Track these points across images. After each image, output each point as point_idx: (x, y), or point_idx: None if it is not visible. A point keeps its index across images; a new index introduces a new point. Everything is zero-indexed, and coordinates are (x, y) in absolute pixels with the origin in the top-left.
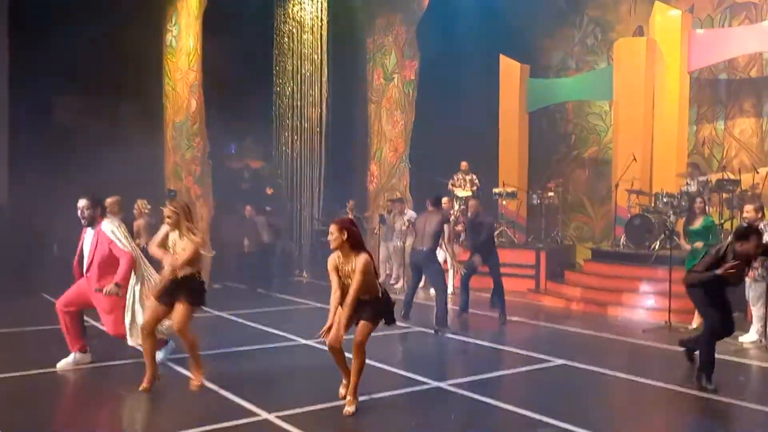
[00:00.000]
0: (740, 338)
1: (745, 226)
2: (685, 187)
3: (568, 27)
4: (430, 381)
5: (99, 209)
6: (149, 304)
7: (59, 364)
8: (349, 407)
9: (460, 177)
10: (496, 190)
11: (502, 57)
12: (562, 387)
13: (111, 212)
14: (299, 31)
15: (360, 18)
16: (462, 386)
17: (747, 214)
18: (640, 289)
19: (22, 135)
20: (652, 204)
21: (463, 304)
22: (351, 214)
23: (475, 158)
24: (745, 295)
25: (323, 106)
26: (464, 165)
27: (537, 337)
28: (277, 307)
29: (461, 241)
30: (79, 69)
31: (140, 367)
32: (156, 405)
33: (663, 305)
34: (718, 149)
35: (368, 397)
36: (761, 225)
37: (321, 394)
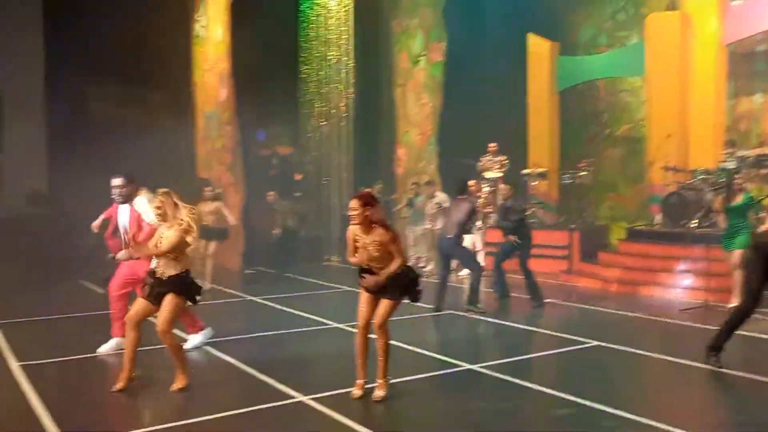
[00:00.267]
0: None
1: None
2: (723, 164)
3: (598, 3)
4: (462, 363)
5: (133, 186)
6: (138, 299)
7: (100, 349)
8: (379, 391)
9: (489, 159)
10: (525, 171)
11: (530, 35)
12: (597, 368)
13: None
14: (325, 16)
15: (385, 1)
16: (495, 368)
17: None
18: (677, 269)
19: (59, 126)
20: (689, 181)
21: (502, 288)
22: None
23: (503, 139)
24: None
25: (350, 90)
26: (493, 146)
27: (571, 319)
28: (307, 291)
29: (492, 224)
30: (111, 61)
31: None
32: (195, 388)
33: (701, 285)
34: (756, 124)
35: (399, 380)
36: None
37: (354, 376)
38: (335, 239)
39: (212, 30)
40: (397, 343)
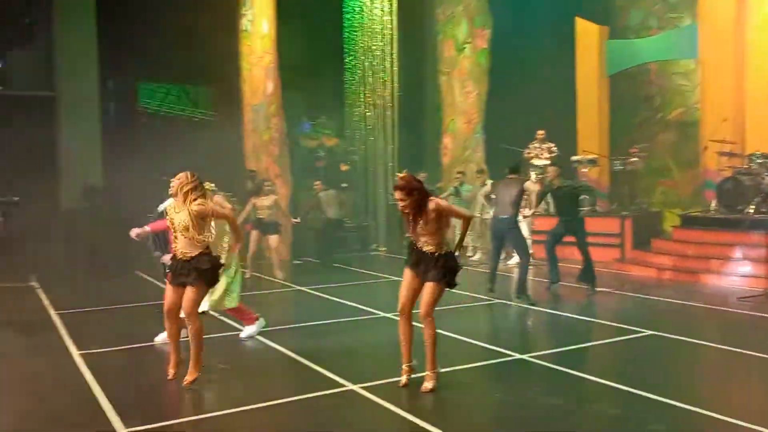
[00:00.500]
0: None
1: None
2: None
3: None
4: (513, 353)
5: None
6: (167, 289)
7: (157, 339)
8: (427, 383)
9: (537, 146)
10: (574, 158)
11: (578, 19)
12: (652, 358)
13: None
14: (368, 6)
15: None
16: (546, 358)
17: None
18: (735, 256)
19: (112, 121)
20: (746, 166)
21: (554, 276)
22: None
23: (551, 126)
24: None
25: (394, 80)
26: (540, 133)
27: (624, 308)
28: (355, 281)
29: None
30: (160, 56)
31: (231, 342)
32: (247, 377)
33: (759, 272)
34: None
35: (448, 369)
36: None
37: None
38: (382, 229)
39: (258, 24)
40: (446, 332)
